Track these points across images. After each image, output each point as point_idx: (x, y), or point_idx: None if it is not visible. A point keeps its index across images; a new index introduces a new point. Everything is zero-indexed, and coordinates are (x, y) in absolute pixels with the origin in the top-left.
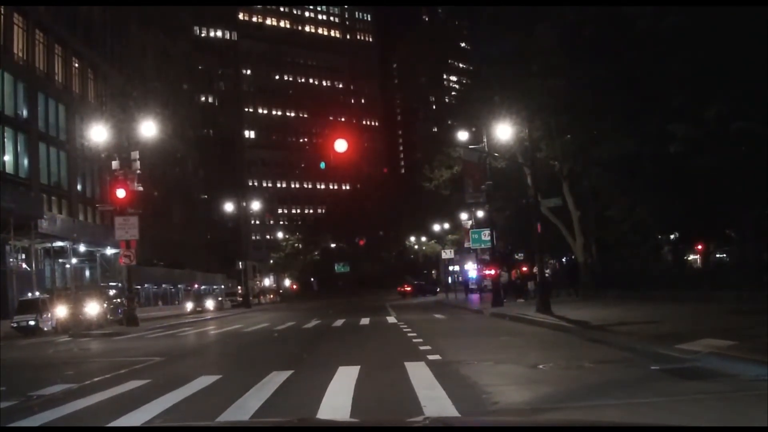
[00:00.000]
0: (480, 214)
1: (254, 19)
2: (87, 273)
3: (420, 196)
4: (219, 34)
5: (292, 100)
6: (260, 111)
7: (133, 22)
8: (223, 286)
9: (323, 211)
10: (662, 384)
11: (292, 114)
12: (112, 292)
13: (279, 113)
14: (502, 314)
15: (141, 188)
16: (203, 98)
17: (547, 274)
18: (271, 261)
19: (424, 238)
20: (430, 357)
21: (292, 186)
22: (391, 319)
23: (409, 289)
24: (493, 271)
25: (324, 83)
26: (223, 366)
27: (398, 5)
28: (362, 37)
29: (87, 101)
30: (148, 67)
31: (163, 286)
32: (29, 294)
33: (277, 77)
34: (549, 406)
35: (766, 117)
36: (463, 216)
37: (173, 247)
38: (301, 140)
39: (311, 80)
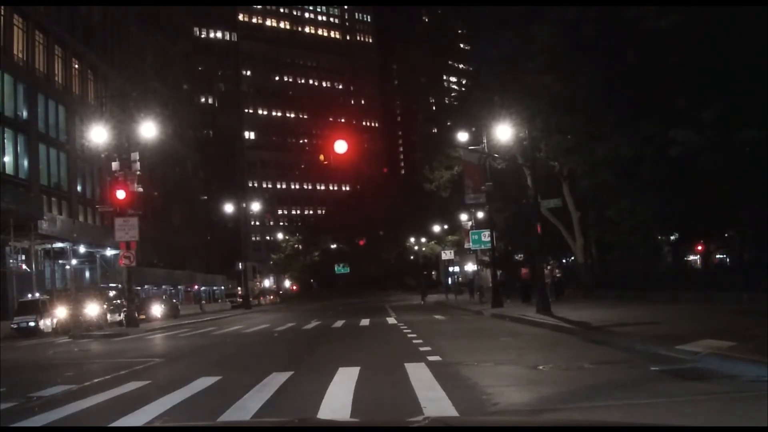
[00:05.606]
0: (480, 215)
1: (254, 20)
2: (87, 274)
3: (420, 196)
4: (219, 35)
5: (292, 101)
6: (260, 112)
7: (132, 23)
8: (223, 287)
9: (323, 212)
10: (662, 385)
11: (292, 115)
12: (111, 293)
13: (279, 114)
14: (503, 315)
15: (141, 189)
16: (203, 99)
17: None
18: (271, 262)
19: (424, 239)
20: (430, 358)
21: (292, 187)
22: (391, 320)
23: None
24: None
25: (324, 84)
26: (223, 367)
27: (398, 5)
28: (362, 38)
29: (87, 102)
30: (148, 68)
31: (164, 287)
32: (29, 295)
33: (277, 78)
34: (549, 407)
35: (765, 120)
36: (463, 217)
37: (173, 248)
38: (301, 141)
39: (311, 81)
